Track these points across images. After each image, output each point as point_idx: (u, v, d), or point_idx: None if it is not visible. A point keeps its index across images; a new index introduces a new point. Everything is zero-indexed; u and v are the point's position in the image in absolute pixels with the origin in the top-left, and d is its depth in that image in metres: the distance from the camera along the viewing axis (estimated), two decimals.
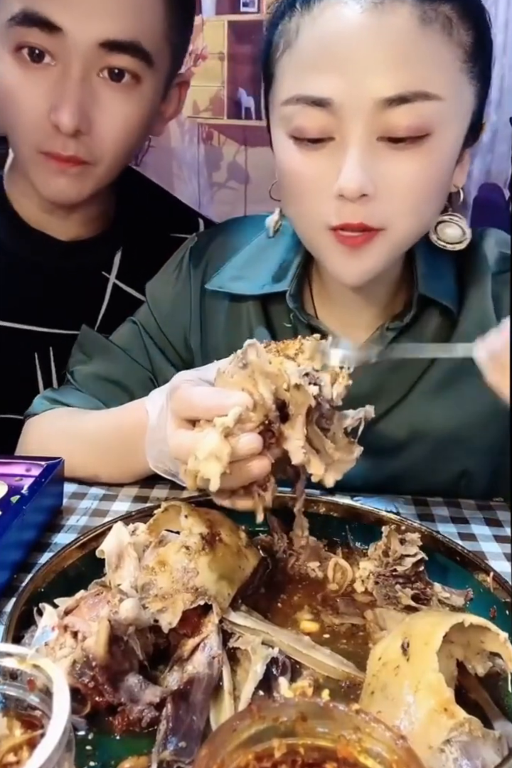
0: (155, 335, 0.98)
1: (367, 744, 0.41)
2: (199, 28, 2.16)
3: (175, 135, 2.32)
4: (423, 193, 0.74)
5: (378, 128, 0.71)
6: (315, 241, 0.80)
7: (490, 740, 0.48)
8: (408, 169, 0.72)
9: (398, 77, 0.70)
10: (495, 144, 2.35)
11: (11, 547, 0.71)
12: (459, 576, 0.69)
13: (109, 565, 0.65)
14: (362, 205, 0.72)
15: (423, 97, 0.70)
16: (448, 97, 0.71)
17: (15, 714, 0.41)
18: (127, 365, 0.97)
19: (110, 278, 1.10)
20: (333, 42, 0.71)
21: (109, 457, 0.88)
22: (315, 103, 0.71)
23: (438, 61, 0.71)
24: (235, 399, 0.58)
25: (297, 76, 0.74)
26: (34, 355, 1.09)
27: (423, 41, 0.70)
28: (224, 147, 2.30)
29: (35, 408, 0.98)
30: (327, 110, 0.71)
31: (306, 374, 0.59)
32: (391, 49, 0.70)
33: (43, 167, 0.94)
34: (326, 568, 0.72)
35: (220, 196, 2.29)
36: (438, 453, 0.89)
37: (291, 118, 0.74)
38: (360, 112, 0.70)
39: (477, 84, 0.76)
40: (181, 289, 0.98)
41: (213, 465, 0.56)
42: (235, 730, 0.40)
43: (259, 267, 0.92)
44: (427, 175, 0.74)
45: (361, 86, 0.70)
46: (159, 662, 0.58)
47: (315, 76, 0.72)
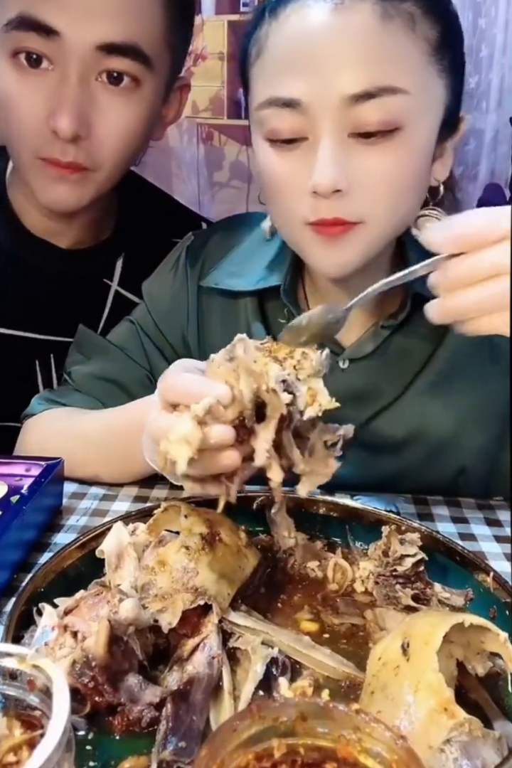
0: (153, 334, 0.98)
1: (367, 744, 0.40)
2: (199, 28, 2.16)
3: (173, 135, 2.32)
4: (398, 186, 0.75)
5: (347, 125, 0.72)
6: (294, 236, 0.81)
7: (490, 740, 0.48)
8: (380, 164, 0.74)
9: (363, 73, 0.71)
10: (497, 144, 2.35)
11: (11, 547, 0.71)
12: (459, 576, 0.69)
13: (108, 565, 0.65)
14: (336, 200, 0.74)
15: (390, 91, 0.71)
16: (415, 90, 0.72)
17: (15, 714, 0.41)
18: (125, 364, 0.97)
19: (112, 285, 1.10)
20: (299, 44, 0.73)
21: (110, 456, 0.88)
22: (285, 104, 0.73)
23: (402, 55, 0.72)
24: (214, 389, 0.58)
25: (267, 80, 0.76)
26: (35, 363, 1.09)
27: (386, 37, 0.71)
28: (226, 147, 2.30)
29: (33, 408, 0.98)
30: (297, 111, 0.73)
31: (283, 381, 0.58)
32: (355, 47, 0.72)
33: (42, 174, 0.93)
34: (326, 568, 0.72)
35: (222, 196, 2.29)
36: (434, 451, 0.90)
37: (265, 121, 0.76)
38: (328, 109, 0.72)
39: (448, 77, 0.77)
40: (178, 288, 0.98)
41: (182, 448, 0.56)
42: (234, 730, 0.40)
43: (254, 263, 0.93)
44: (400, 169, 0.75)
45: (328, 85, 0.71)
46: (159, 662, 0.58)
47: (284, 78, 0.74)
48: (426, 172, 0.79)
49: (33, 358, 1.08)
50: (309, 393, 0.58)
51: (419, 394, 0.88)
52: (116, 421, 0.88)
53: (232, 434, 0.58)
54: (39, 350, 1.08)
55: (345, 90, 0.71)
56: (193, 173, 2.35)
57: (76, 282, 1.08)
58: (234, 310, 0.94)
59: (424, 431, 0.89)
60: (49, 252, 1.06)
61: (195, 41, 2.16)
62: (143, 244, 1.11)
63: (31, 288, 1.06)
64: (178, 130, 2.32)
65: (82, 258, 1.08)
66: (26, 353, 1.08)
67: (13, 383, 1.07)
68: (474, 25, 2.34)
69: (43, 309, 1.07)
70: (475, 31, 2.33)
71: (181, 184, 2.31)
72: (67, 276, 1.07)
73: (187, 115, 2.31)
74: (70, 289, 1.08)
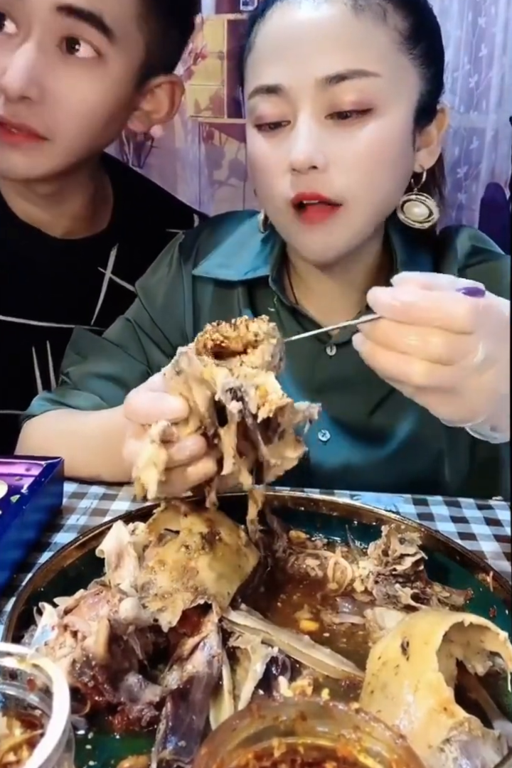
0: (149, 330, 0.99)
1: (367, 743, 0.41)
2: (199, 27, 2.16)
3: (180, 135, 2.32)
4: (373, 165, 0.79)
5: (324, 105, 0.78)
6: (279, 218, 0.85)
7: (490, 740, 0.48)
8: (356, 142, 0.78)
9: (337, 58, 0.77)
10: (497, 144, 2.35)
11: (11, 546, 0.71)
12: (459, 576, 0.69)
13: (108, 565, 0.65)
14: (315, 177, 0.78)
15: (362, 74, 0.77)
16: (386, 74, 0.78)
17: (15, 713, 0.41)
18: (124, 361, 0.98)
19: (106, 273, 1.11)
20: (280, 36, 0.80)
21: (110, 455, 0.88)
22: (269, 90, 0.80)
23: (373, 43, 0.78)
24: (166, 405, 0.58)
25: (255, 71, 0.83)
26: (31, 350, 1.09)
27: (358, 26, 0.78)
28: (226, 145, 2.30)
29: (33, 409, 0.98)
30: (279, 95, 0.79)
31: (229, 389, 0.56)
32: (330, 35, 0.78)
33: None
34: (326, 568, 0.72)
35: (220, 194, 2.29)
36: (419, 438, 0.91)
37: (254, 109, 0.82)
38: (306, 91, 0.78)
39: (423, 66, 0.82)
40: (172, 282, 1.00)
41: (150, 472, 0.56)
42: (234, 729, 0.40)
43: (244, 254, 0.96)
44: (376, 147, 0.79)
45: (305, 69, 0.77)
46: (159, 662, 0.58)
47: (267, 67, 0.81)
48: (404, 156, 0.83)
49: (29, 345, 1.09)
50: (258, 394, 0.56)
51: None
52: (115, 419, 0.88)
53: (202, 444, 0.58)
54: (35, 337, 1.09)
55: (321, 72, 0.77)
56: (195, 172, 2.35)
57: (70, 270, 1.08)
58: (227, 300, 0.96)
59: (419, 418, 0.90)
60: (42, 242, 1.07)
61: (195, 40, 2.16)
62: (137, 235, 1.12)
63: (26, 275, 1.07)
64: (184, 130, 2.32)
65: (77, 248, 1.09)
66: (22, 340, 1.08)
67: (10, 370, 1.08)
68: (474, 24, 2.34)
69: (38, 296, 1.08)
70: (475, 31, 2.33)
71: (184, 184, 2.32)
72: (62, 264, 1.08)
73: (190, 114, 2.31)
74: (65, 277, 1.08)
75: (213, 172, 2.33)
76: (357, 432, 0.91)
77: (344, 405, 0.70)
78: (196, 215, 1.21)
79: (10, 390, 1.07)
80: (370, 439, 0.92)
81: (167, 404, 0.59)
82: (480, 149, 2.42)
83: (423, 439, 0.91)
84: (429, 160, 0.87)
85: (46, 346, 1.09)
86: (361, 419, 0.91)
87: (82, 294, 1.10)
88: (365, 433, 0.91)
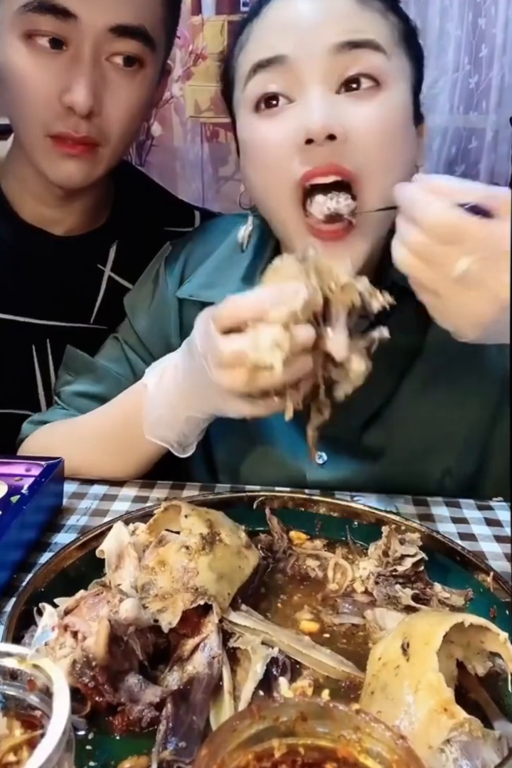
0: (137, 347, 0.98)
1: (367, 744, 0.41)
2: (199, 27, 2.17)
3: (178, 135, 2.33)
4: (388, 139, 0.77)
5: (335, 75, 0.75)
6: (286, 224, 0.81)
7: (490, 740, 0.48)
8: (368, 114, 0.76)
9: (346, 27, 0.75)
10: (497, 144, 2.35)
11: (11, 546, 0.71)
12: (459, 576, 0.69)
13: (109, 565, 0.65)
14: (333, 149, 0.74)
15: (371, 46, 0.76)
16: (392, 56, 0.77)
17: (15, 714, 0.41)
18: (112, 381, 0.97)
19: (105, 271, 1.12)
20: (282, 17, 0.78)
21: (111, 446, 0.89)
22: (271, 62, 0.76)
23: (377, 30, 0.77)
24: (294, 292, 0.61)
25: (251, 54, 0.79)
26: (31, 348, 1.10)
27: (363, 16, 0.77)
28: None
29: (25, 432, 0.98)
30: (284, 68, 0.76)
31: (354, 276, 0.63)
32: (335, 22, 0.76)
33: (52, 152, 0.95)
34: (326, 568, 0.72)
35: (227, 189, 2.30)
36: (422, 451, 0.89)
37: (252, 90, 0.78)
38: (315, 61, 0.75)
39: (413, 66, 0.82)
40: (159, 300, 0.99)
41: (276, 353, 0.60)
42: (235, 730, 0.40)
43: (229, 272, 0.92)
44: (389, 123, 0.77)
45: (313, 38, 0.75)
46: (159, 662, 0.58)
47: (269, 41, 0.77)
48: (411, 136, 0.81)
49: (29, 343, 1.09)
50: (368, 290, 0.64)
51: (410, 391, 0.88)
52: (113, 409, 0.89)
53: (313, 333, 0.62)
54: (35, 335, 1.09)
55: (331, 40, 0.74)
56: (197, 171, 2.35)
57: (69, 267, 1.09)
58: None
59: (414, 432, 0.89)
60: (43, 240, 1.08)
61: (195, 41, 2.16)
62: (136, 232, 1.13)
63: (25, 273, 1.08)
64: (183, 129, 2.33)
65: (76, 244, 1.10)
66: (22, 338, 1.09)
67: (11, 368, 1.09)
68: (474, 25, 2.34)
69: (38, 294, 1.08)
70: (475, 31, 2.34)
71: (184, 182, 2.32)
72: (61, 262, 1.09)
73: (190, 115, 2.31)
74: (64, 274, 1.09)
75: (218, 168, 2.34)
76: (353, 450, 0.89)
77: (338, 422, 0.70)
78: (197, 212, 1.21)
79: (11, 389, 1.08)
80: (367, 456, 0.90)
81: (292, 291, 0.62)
82: (479, 149, 2.42)
83: (426, 453, 0.89)
84: (420, 156, 0.86)
85: (47, 344, 1.10)
86: (355, 436, 0.89)
87: (81, 292, 1.10)
88: (361, 450, 0.89)
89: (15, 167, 1.06)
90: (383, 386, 0.88)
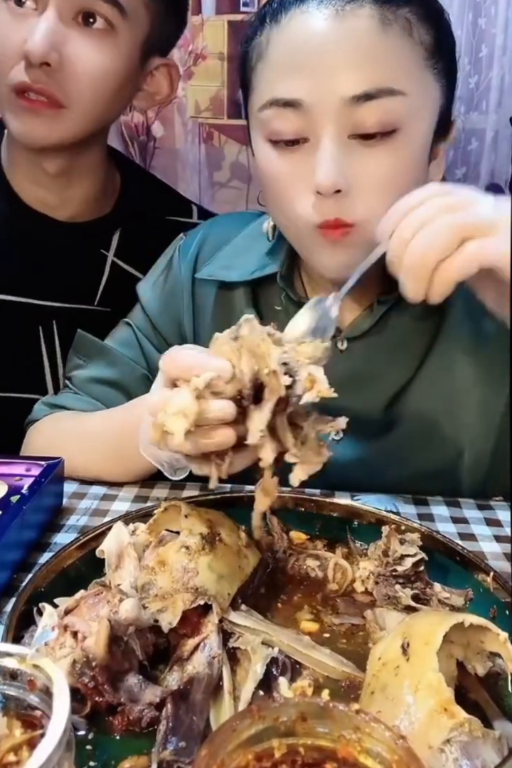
0: (149, 334, 1.00)
1: (367, 744, 0.41)
2: (199, 28, 2.16)
3: (180, 136, 2.32)
4: (396, 187, 0.76)
5: (348, 126, 0.74)
6: (300, 238, 0.83)
7: (490, 740, 0.48)
8: (380, 164, 0.76)
9: (363, 75, 0.73)
10: (497, 144, 2.35)
11: (11, 546, 0.71)
12: (459, 576, 0.69)
13: (109, 565, 0.65)
14: (338, 201, 0.75)
15: (389, 93, 0.74)
16: (413, 92, 0.75)
17: (15, 714, 0.41)
18: (124, 366, 0.98)
19: (109, 256, 1.15)
20: (300, 47, 0.75)
21: (110, 455, 0.89)
22: (287, 104, 0.75)
23: (400, 59, 0.75)
24: (214, 363, 0.59)
25: (269, 82, 0.78)
26: (38, 330, 1.12)
27: (385, 41, 0.74)
28: (226, 147, 2.30)
29: (36, 414, 1.00)
30: (299, 111, 0.75)
31: (285, 363, 0.58)
32: (355, 50, 0.74)
33: (15, 106, 0.97)
34: (326, 568, 0.72)
35: (221, 196, 2.29)
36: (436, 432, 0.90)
37: (267, 122, 0.78)
38: (329, 110, 0.74)
39: (443, 80, 0.80)
40: (172, 285, 1.00)
41: (179, 421, 0.56)
42: (234, 730, 0.40)
43: (249, 255, 0.95)
44: (399, 169, 0.77)
45: (329, 86, 0.74)
46: (159, 662, 0.58)
47: (285, 79, 0.76)
48: (423, 173, 0.81)
49: (36, 325, 1.12)
50: (308, 378, 0.58)
51: (428, 376, 0.89)
52: (114, 420, 0.89)
53: (233, 409, 0.59)
54: (41, 317, 1.12)
55: (346, 92, 0.73)
56: (195, 173, 2.35)
57: (73, 252, 1.12)
58: (228, 302, 0.96)
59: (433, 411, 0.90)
60: (47, 224, 1.11)
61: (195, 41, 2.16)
62: (139, 221, 1.16)
63: (31, 257, 1.11)
64: (184, 130, 2.32)
65: (80, 230, 1.13)
66: (29, 320, 1.12)
67: (18, 350, 1.12)
68: (474, 25, 2.34)
69: (44, 276, 1.12)
70: (475, 31, 2.33)
71: (184, 184, 2.32)
72: (66, 247, 1.12)
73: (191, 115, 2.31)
74: (69, 258, 1.12)
75: (213, 173, 2.33)
76: (370, 429, 0.90)
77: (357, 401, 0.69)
78: (194, 206, 1.25)
79: (18, 372, 1.11)
80: (384, 435, 0.91)
81: (214, 362, 0.59)
82: (479, 150, 2.41)
83: (439, 436, 0.90)
84: (438, 173, 0.85)
85: (53, 326, 1.13)
86: (374, 415, 0.90)
87: (85, 275, 1.14)
88: (379, 429, 0.90)
89: (10, 149, 1.10)
90: (405, 368, 0.89)
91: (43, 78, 0.94)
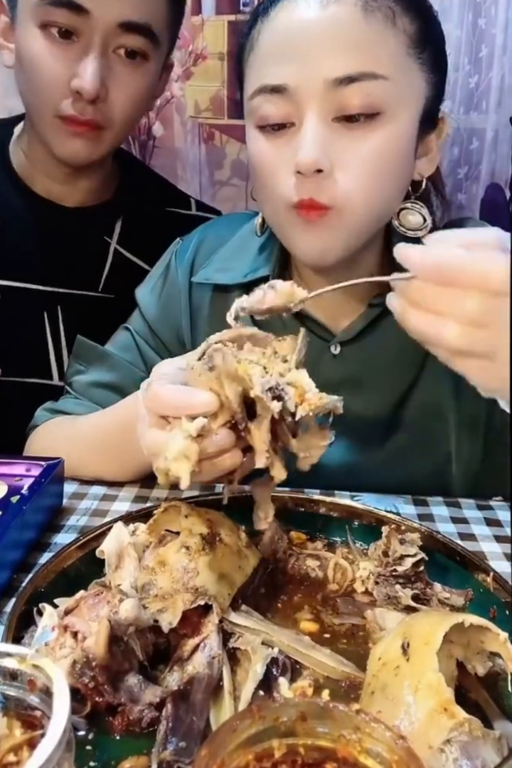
0: (148, 338, 1.00)
1: (367, 744, 0.41)
2: (199, 28, 2.16)
3: (179, 135, 2.32)
4: (378, 170, 0.78)
5: (332, 108, 0.76)
6: (278, 219, 0.84)
7: (490, 740, 0.48)
8: (362, 145, 0.77)
9: (346, 59, 0.75)
10: (497, 144, 2.35)
11: (11, 547, 0.71)
12: (459, 576, 0.69)
13: (109, 565, 0.65)
14: (318, 182, 0.76)
15: (371, 76, 0.75)
16: (395, 77, 0.76)
17: (15, 714, 0.41)
18: (124, 370, 0.99)
19: (111, 243, 1.19)
20: (286, 36, 0.78)
21: (111, 454, 0.89)
22: (273, 90, 0.78)
23: (383, 45, 0.77)
24: (199, 399, 0.59)
25: (258, 71, 0.81)
26: (43, 315, 1.15)
27: (368, 28, 0.76)
28: (227, 146, 2.30)
29: (37, 420, 1.00)
30: (284, 96, 0.77)
31: (269, 388, 0.57)
32: (338, 35, 0.76)
33: (60, 130, 1.04)
34: (326, 568, 0.72)
35: (222, 194, 2.29)
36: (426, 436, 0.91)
37: (256, 109, 0.81)
38: (313, 93, 0.76)
39: (429, 72, 0.80)
40: (169, 289, 1.01)
41: (182, 464, 0.57)
42: (235, 730, 0.40)
43: (242, 257, 0.96)
44: (380, 152, 0.77)
45: (313, 70, 0.76)
46: (159, 662, 0.58)
47: (272, 67, 0.79)
48: (407, 163, 0.82)
49: (41, 310, 1.15)
50: (297, 393, 0.58)
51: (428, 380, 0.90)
52: (110, 420, 0.89)
53: (232, 438, 0.59)
54: (46, 302, 1.15)
55: (329, 74, 0.75)
56: (196, 173, 2.35)
57: (78, 238, 1.17)
58: (224, 305, 0.95)
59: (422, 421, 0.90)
60: (53, 210, 1.15)
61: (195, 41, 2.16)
62: (140, 210, 1.21)
63: (38, 243, 1.15)
64: (183, 130, 2.32)
65: (84, 216, 1.17)
66: (34, 305, 1.15)
67: (23, 336, 1.15)
68: (474, 25, 2.33)
69: (49, 262, 1.15)
70: (475, 31, 2.33)
71: (185, 183, 2.32)
72: (71, 233, 1.16)
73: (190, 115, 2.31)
74: (73, 244, 1.16)
75: (214, 172, 2.33)
76: (361, 433, 0.90)
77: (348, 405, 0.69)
78: (192, 200, 1.28)
79: (24, 358, 1.14)
80: (375, 440, 0.91)
81: (198, 399, 0.59)
82: (480, 150, 2.41)
83: (429, 440, 0.91)
84: (429, 168, 0.86)
85: (58, 311, 1.15)
86: (366, 420, 0.91)
87: (89, 261, 1.17)
88: (370, 434, 0.91)
89: (26, 146, 1.15)
90: (406, 372, 0.90)
91: (90, 109, 1.01)
